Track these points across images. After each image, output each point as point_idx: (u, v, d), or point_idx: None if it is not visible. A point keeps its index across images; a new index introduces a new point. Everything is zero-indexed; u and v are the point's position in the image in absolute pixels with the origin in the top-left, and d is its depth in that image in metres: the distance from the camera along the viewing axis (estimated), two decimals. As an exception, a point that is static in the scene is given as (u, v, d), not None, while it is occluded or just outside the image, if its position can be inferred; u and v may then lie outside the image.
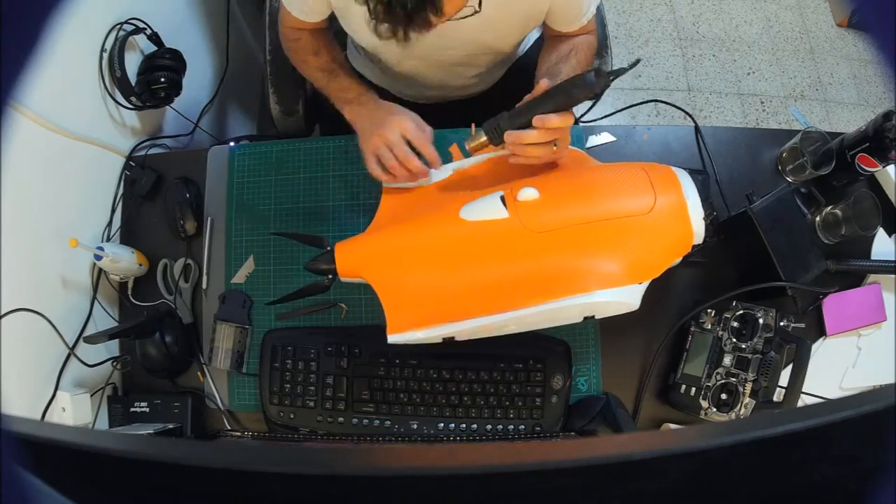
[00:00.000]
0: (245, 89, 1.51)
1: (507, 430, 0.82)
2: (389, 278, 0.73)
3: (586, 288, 0.68)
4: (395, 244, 0.74)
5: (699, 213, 0.70)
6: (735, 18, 2.04)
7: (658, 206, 0.70)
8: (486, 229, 0.71)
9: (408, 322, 0.71)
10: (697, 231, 0.70)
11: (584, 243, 0.70)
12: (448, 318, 0.70)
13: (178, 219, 0.89)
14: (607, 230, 0.70)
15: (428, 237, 0.73)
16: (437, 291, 0.72)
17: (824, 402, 0.24)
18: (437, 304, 0.71)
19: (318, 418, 0.82)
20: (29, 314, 0.76)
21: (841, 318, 0.87)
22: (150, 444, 0.27)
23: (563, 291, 0.68)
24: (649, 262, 0.71)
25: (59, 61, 0.79)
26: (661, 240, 0.71)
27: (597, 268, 0.69)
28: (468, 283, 0.71)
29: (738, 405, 0.79)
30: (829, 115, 1.95)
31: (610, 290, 0.68)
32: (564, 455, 0.23)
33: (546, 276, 0.69)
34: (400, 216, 0.80)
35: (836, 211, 0.85)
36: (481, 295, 0.70)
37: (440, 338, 0.71)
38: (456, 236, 0.72)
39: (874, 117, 0.84)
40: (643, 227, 0.69)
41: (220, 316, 0.87)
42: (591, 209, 0.70)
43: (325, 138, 0.95)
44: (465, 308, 0.70)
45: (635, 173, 0.73)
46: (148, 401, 0.84)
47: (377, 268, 0.74)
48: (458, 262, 0.71)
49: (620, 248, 0.70)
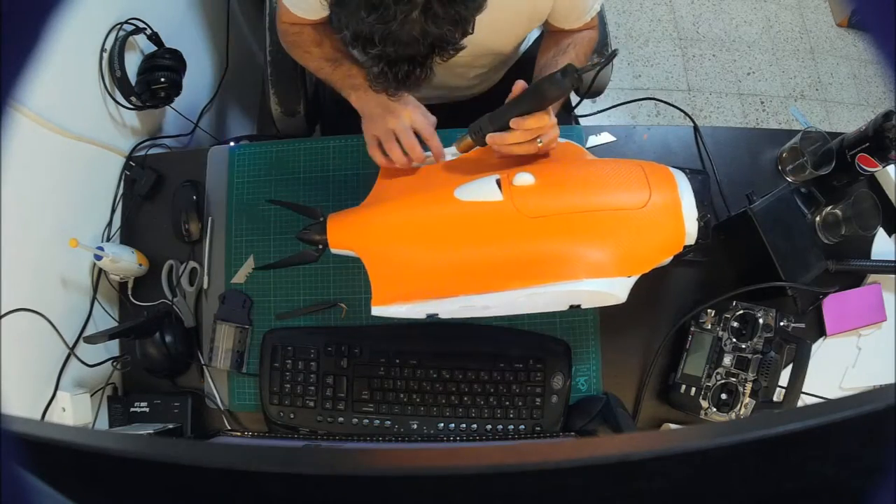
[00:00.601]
0: (245, 89, 1.51)
1: (507, 430, 0.82)
2: (379, 251, 0.74)
3: (574, 275, 0.68)
4: (388, 218, 0.75)
5: (693, 213, 0.71)
6: (735, 18, 2.03)
7: (652, 203, 0.70)
8: (479, 210, 0.71)
9: (393, 295, 0.72)
10: (690, 231, 0.71)
11: (575, 232, 0.70)
12: (433, 295, 0.71)
13: (182, 222, 0.89)
14: (599, 221, 0.70)
15: (421, 213, 0.73)
16: (424, 267, 0.72)
17: (824, 402, 0.24)
18: (424, 280, 0.72)
19: (318, 418, 0.82)
20: (29, 314, 0.76)
21: (841, 318, 0.87)
22: (149, 444, 0.27)
23: (550, 277, 0.69)
24: (639, 256, 0.71)
25: (59, 61, 0.79)
26: (652, 236, 0.71)
27: (586, 257, 0.70)
28: (457, 261, 0.72)
29: (738, 405, 0.79)
30: (829, 115, 1.95)
31: (598, 279, 0.69)
32: (564, 455, 0.23)
33: (535, 261, 0.70)
34: (396, 192, 0.81)
35: (836, 211, 0.85)
36: (469, 274, 0.71)
37: (424, 314, 0.71)
38: (449, 215, 0.72)
39: (874, 117, 0.84)
40: (636, 222, 0.70)
41: (220, 316, 0.87)
42: (586, 199, 0.71)
43: (325, 138, 0.95)
44: (452, 286, 0.71)
45: (632, 169, 0.73)
46: (148, 401, 0.84)
47: (368, 240, 0.74)
48: (449, 240, 0.72)
49: (611, 239, 0.70)
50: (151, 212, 0.93)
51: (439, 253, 0.72)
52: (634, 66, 1.94)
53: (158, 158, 0.98)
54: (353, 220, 0.76)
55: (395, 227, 0.74)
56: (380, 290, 0.72)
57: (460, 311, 0.71)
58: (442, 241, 0.72)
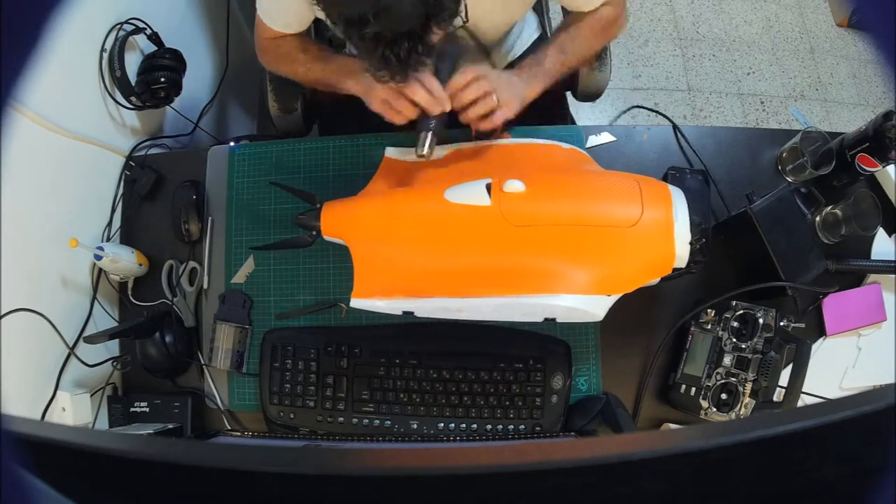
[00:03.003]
0: (245, 89, 1.51)
1: (507, 430, 0.82)
2: (366, 244, 0.75)
3: (552, 289, 0.68)
4: (378, 211, 0.75)
5: (686, 235, 0.68)
6: (735, 18, 2.03)
7: (643, 221, 0.67)
8: (465, 213, 0.71)
9: (373, 289, 0.73)
10: (680, 254, 0.68)
11: (558, 245, 0.69)
12: (411, 293, 0.71)
13: (182, 222, 0.89)
14: (585, 236, 0.68)
15: (410, 210, 0.74)
16: (406, 264, 0.73)
17: (824, 402, 0.24)
18: (405, 278, 0.72)
19: (318, 418, 0.82)
20: (29, 314, 0.76)
21: (841, 318, 0.87)
22: (149, 444, 0.27)
23: (527, 288, 0.68)
24: (623, 276, 0.69)
25: (59, 61, 0.79)
26: (639, 256, 0.69)
27: (567, 272, 0.68)
28: (438, 262, 0.72)
29: (738, 405, 0.79)
30: (829, 115, 1.95)
31: (575, 296, 0.68)
32: (564, 455, 0.23)
33: (515, 271, 0.69)
34: (390, 186, 0.81)
35: (836, 211, 0.85)
36: (449, 277, 0.71)
37: (400, 310, 0.72)
38: (436, 214, 0.72)
39: (874, 117, 0.84)
40: (623, 240, 0.68)
41: (220, 316, 0.87)
42: (574, 212, 0.69)
43: (325, 138, 0.95)
44: (430, 286, 0.71)
45: (627, 184, 0.71)
46: (148, 401, 0.84)
47: (357, 231, 0.75)
48: (433, 241, 0.72)
49: (595, 256, 0.68)
50: (151, 212, 0.93)
51: (422, 251, 0.72)
52: (634, 66, 1.94)
53: (158, 158, 0.98)
54: (346, 210, 0.76)
55: (383, 220, 0.74)
56: (362, 283, 0.74)
57: (435, 311, 0.71)
58: (425, 239, 0.72)
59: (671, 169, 0.84)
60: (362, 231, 0.75)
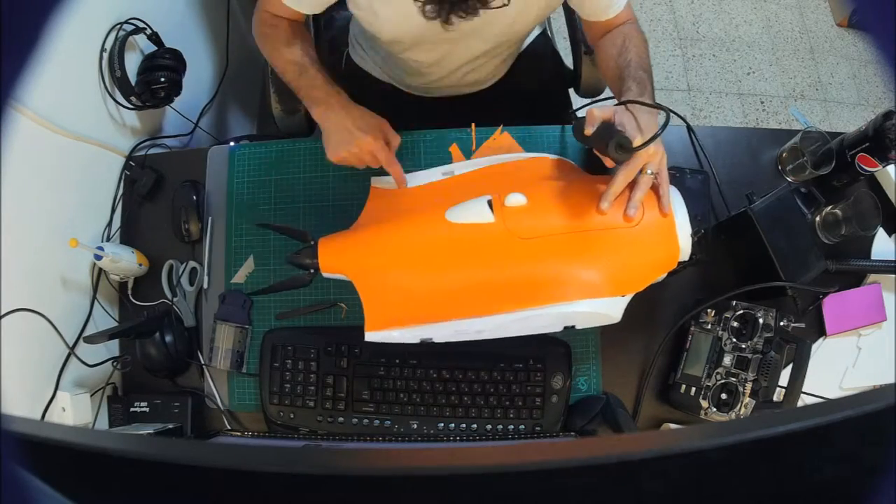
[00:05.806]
0: (245, 89, 1.51)
1: (507, 430, 0.82)
2: (371, 276, 0.73)
3: (568, 297, 0.68)
4: (379, 242, 0.74)
5: (687, 229, 0.71)
6: (735, 18, 2.04)
7: (645, 220, 0.70)
8: (470, 232, 0.70)
9: (386, 320, 0.71)
10: (684, 248, 0.71)
11: (568, 252, 0.69)
12: (426, 319, 0.70)
13: (182, 222, 0.89)
14: (592, 241, 0.70)
15: (412, 236, 0.73)
16: (417, 291, 0.71)
17: (824, 402, 0.24)
18: (417, 305, 0.71)
19: (318, 418, 0.82)
20: (29, 314, 0.76)
21: (841, 317, 0.87)
22: (150, 444, 0.27)
23: (544, 299, 0.69)
24: (633, 275, 0.71)
25: (59, 61, 0.79)
26: (646, 254, 0.71)
27: (580, 277, 0.69)
28: (449, 285, 0.71)
29: (738, 405, 0.79)
30: (829, 115, 1.95)
31: (592, 300, 0.68)
32: (564, 455, 0.23)
33: (528, 283, 0.69)
34: (386, 215, 0.80)
35: (836, 211, 0.85)
36: (462, 298, 0.70)
37: (418, 339, 0.70)
38: (440, 237, 0.71)
39: (874, 117, 0.84)
40: (629, 240, 0.70)
41: (220, 316, 0.87)
42: (578, 219, 0.70)
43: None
44: (445, 310, 0.70)
45: None
46: (148, 401, 0.84)
47: (359, 265, 0.74)
48: (441, 264, 0.71)
49: (605, 259, 0.70)
50: (151, 212, 0.93)
51: (431, 277, 0.71)
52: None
53: (158, 158, 0.98)
54: (344, 244, 0.75)
55: (386, 251, 0.73)
56: (373, 316, 0.72)
57: (454, 335, 0.70)
58: (433, 264, 0.71)
59: (671, 169, 0.84)
60: (366, 264, 0.73)
